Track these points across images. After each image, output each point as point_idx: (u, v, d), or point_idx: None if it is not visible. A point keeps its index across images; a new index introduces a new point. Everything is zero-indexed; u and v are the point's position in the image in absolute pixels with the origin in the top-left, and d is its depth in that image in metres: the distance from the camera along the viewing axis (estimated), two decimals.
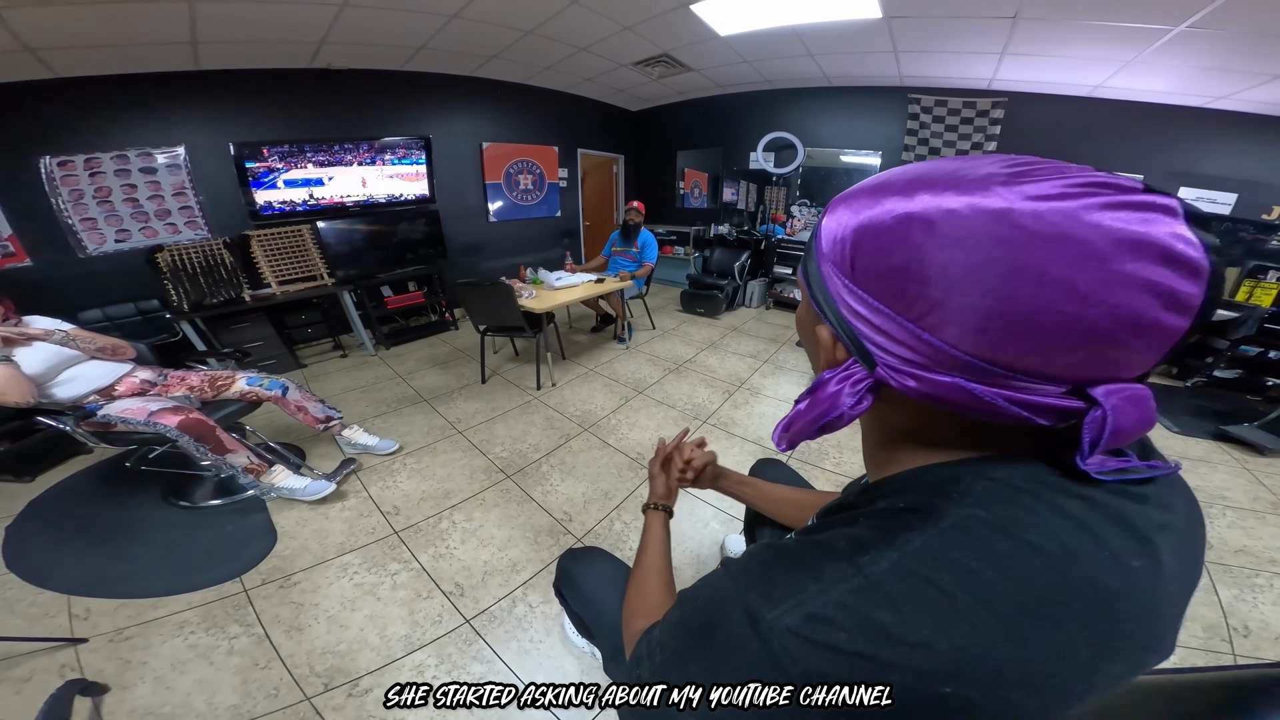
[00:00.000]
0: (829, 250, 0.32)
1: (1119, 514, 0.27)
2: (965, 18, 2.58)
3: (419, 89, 3.92)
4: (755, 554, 0.35)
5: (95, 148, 2.76)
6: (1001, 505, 0.27)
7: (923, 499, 0.30)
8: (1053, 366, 0.25)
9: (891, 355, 0.29)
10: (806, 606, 0.27)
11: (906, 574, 0.26)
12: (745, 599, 0.30)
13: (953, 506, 0.28)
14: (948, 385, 0.27)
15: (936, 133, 4.01)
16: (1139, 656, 0.27)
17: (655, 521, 0.79)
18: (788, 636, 0.26)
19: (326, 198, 3.64)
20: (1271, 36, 2.15)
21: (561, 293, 3.07)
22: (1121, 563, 0.26)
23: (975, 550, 0.26)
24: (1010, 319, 0.24)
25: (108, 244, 2.91)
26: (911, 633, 0.24)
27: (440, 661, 1.25)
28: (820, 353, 0.34)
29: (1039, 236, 0.23)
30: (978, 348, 0.26)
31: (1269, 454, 2.25)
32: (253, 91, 3.19)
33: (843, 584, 0.27)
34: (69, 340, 1.63)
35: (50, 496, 1.96)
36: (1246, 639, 1.33)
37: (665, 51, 3.65)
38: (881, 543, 0.28)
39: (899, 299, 0.28)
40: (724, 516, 1.77)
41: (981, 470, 0.30)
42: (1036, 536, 0.26)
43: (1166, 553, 0.27)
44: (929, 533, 0.27)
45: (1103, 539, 0.26)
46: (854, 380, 0.31)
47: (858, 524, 0.32)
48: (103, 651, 1.26)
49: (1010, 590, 0.24)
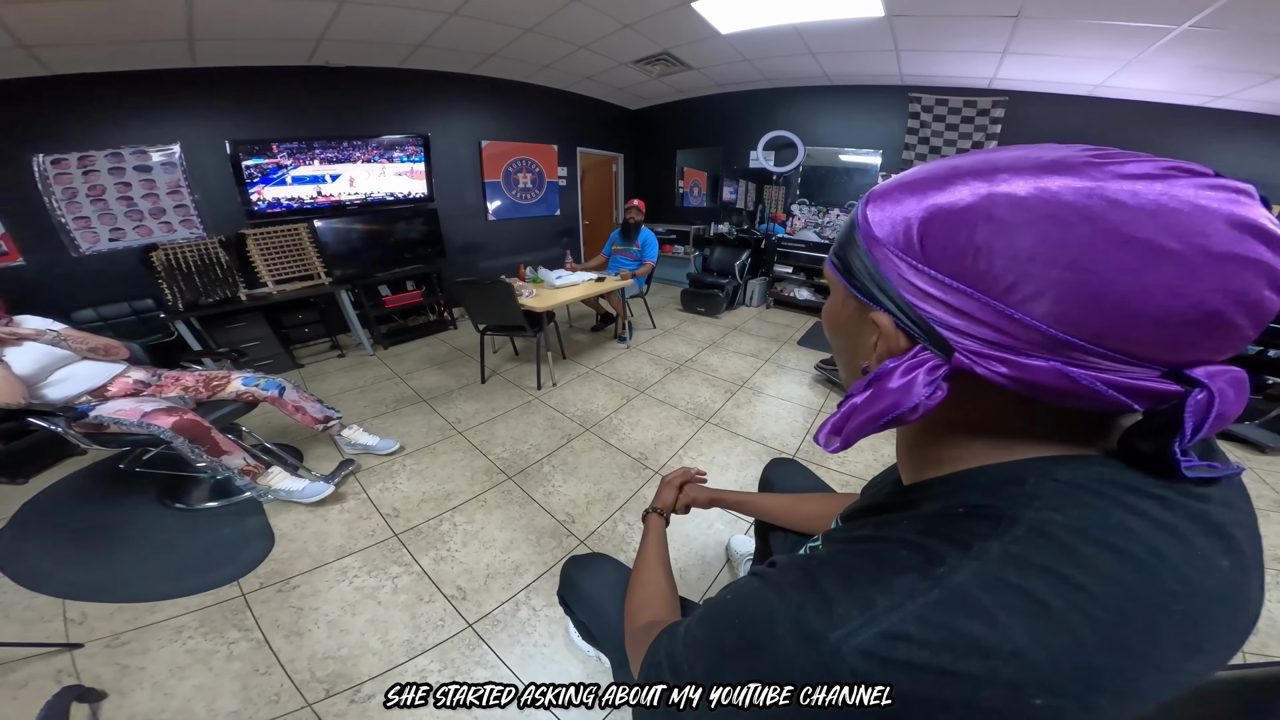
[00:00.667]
0: (887, 235, 0.30)
1: (1199, 513, 0.26)
2: (968, 16, 2.57)
3: (418, 87, 3.88)
4: (797, 565, 0.33)
5: (89, 145, 2.72)
6: (1075, 509, 0.26)
7: (986, 502, 0.29)
8: (1155, 346, 0.24)
9: (971, 339, 0.27)
10: (880, 623, 0.25)
11: (993, 583, 0.25)
12: (798, 618, 0.28)
13: (1024, 510, 0.27)
14: (1045, 370, 0.25)
15: (937, 131, 4.01)
16: (1223, 654, 0.27)
17: (655, 525, 0.83)
18: (858, 657, 0.25)
19: (335, 194, 3.62)
20: (1272, 36, 2.14)
21: (562, 291, 3.05)
22: (1212, 562, 0.25)
23: (1062, 556, 0.25)
24: (1116, 294, 0.23)
25: (101, 243, 2.87)
26: (1005, 644, 0.23)
27: (443, 666, 1.23)
28: (880, 341, 0.32)
29: (1144, 212, 0.22)
30: (1078, 326, 0.24)
31: (1270, 452, 2.26)
32: (250, 89, 3.15)
33: (921, 596, 0.25)
34: (60, 340, 1.60)
35: (44, 499, 1.93)
36: (1255, 636, 1.32)
37: (666, 49, 3.63)
38: (954, 550, 0.26)
39: (982, 277, 0.26)
40: (728, 517, 1.75)
41: (1046, 470, 0.28)
42: (1121, 540, 0.25)
43: (1248, 549, 0.27)
44: (1006, 539, 0.26)
45: (1189, 540, 0.25)
46: (929, 367, 0.28)
47: (902, 527, 0.31)
48: (99, 657, 1.24)
49: (1106, 596, 0.24)
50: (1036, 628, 0.23)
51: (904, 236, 0.29)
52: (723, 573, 1.53)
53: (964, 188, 0.27)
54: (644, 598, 0.67)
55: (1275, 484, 2.05)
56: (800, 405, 2.69)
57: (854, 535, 0.35)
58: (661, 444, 2.27)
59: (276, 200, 3.38)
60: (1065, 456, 0.29)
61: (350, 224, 3.54)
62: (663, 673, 0.37)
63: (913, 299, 0.29)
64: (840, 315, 0.37)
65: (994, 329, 0.26)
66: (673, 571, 0.75)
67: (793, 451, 2.22)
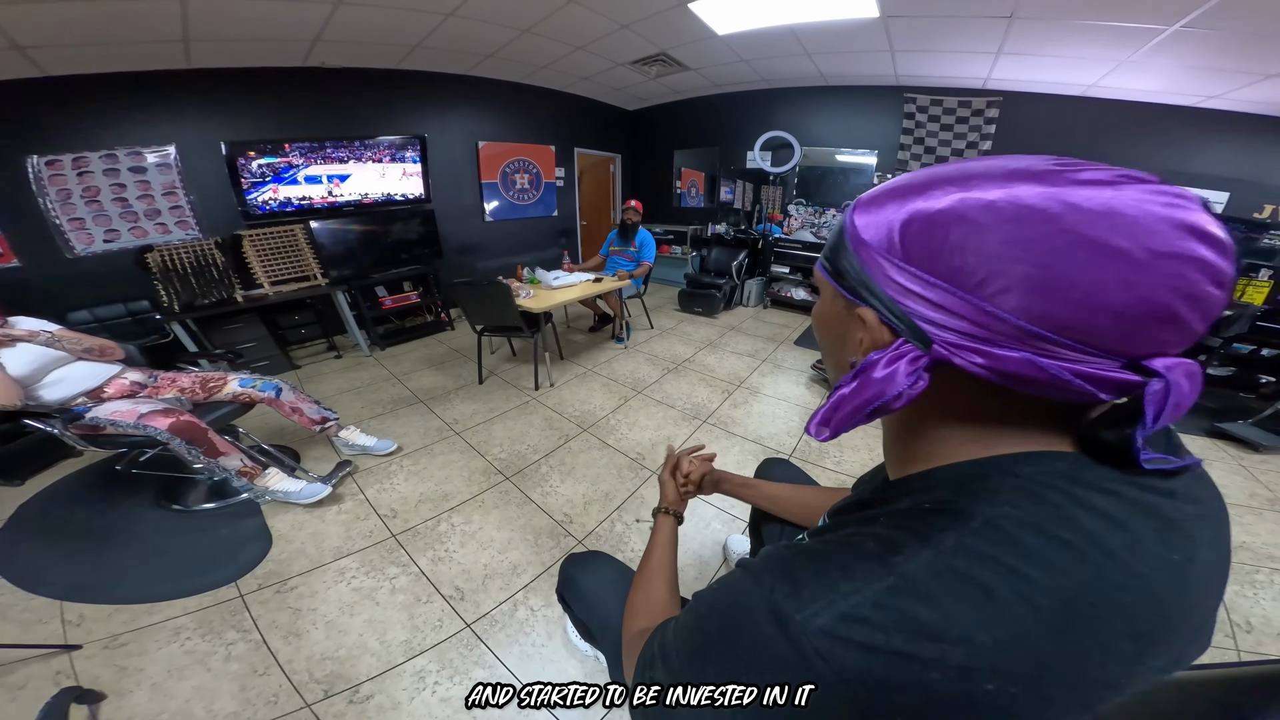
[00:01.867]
0: (873, 238, 0.32)
1: (1152, 508, 0.28)
2: (962, 17, 2.58)
3: (414, 88, 3.88)
4: (774, 555, 0.34)
5: (83, 146, 2.71)
6: (1031, 503, 0.28)
7: (949, 497, 0.31)
8: (1113, 337, 0.26)
9: (949, 331, 0.29)
10: (840, 606, 0.27)
11: (943, 571, 0.26)
12: (771, 600, 0.29)
13: (982, 505, 0.28)
14: (1017, 360, 0.27)
15: (932, 132, 4.03)
16: (1181, 649, 0.28)
17: (664, 525, 0.80)
18: (820, 637, 0.26)
19: (330, 196, 3.61)
20: (1263, 36, 2.17)
21: (559, 292, 3.05)
22: (1160, 556, 0.27)
23: (1010, 547, 0.26)
24: (1075, 287, 0.25)
25: (96, 244, 2.86)
26: (952, 629, 0.24)
27: (442, 667, 1.23)
28: (865, 336, 0.34)
29: (1096, 215, 0.25)
30: (1043, 318, 0.26)
31: (1264, 451, 2.27)
32: (245, 90, 3.15)
33: (877, 582, 0.27)
34: (55, 341, 1.60)
35: (41, 500, 1.92)
36: (1249, 634, 1.34)
37: (663, 50, 3.64)
38: (913, 542, 0.28)
39: (958, 274, 0.28)
40: (726, 517, 1.76)
41: (1008, 467, 0.30)
42: (1070, 533, 0.26)
43: (1202, 544, 0.28)
44: (961, 531, 0.27)
45: (1138, 534, 0.27)
46: (911, 358, 0.30)
47: (879, 523, 0.32)
48: (98, 658, 1.24)
49: (1050, 585, 0.25)
50: (983, 614, 0.24)
51: (887, 238, 0.31)
52: (719, 571, 1.53)
53: (941, 193, 0.29)
54: (644, 605, 0.66)
55: (1268, 482, 2.07)
56: (797, 405, 2.70)
57: (831, 528, 0.37)
58: (659, 444, 2.27)
59: (272, 201, 3.38)
60: (1032, 453, 0.31)
61: (346, 225, 3.54)
62: (655, 665, 0.38)
63: (896, 295, 0.31)
64: (829, 315, 0.39)
65: (969, 321, 0.28)
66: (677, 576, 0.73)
67: (789, 451, 2.22)
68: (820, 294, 0.41)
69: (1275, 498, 1.96)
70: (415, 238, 3.93)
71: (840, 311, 0.37)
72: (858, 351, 0.34)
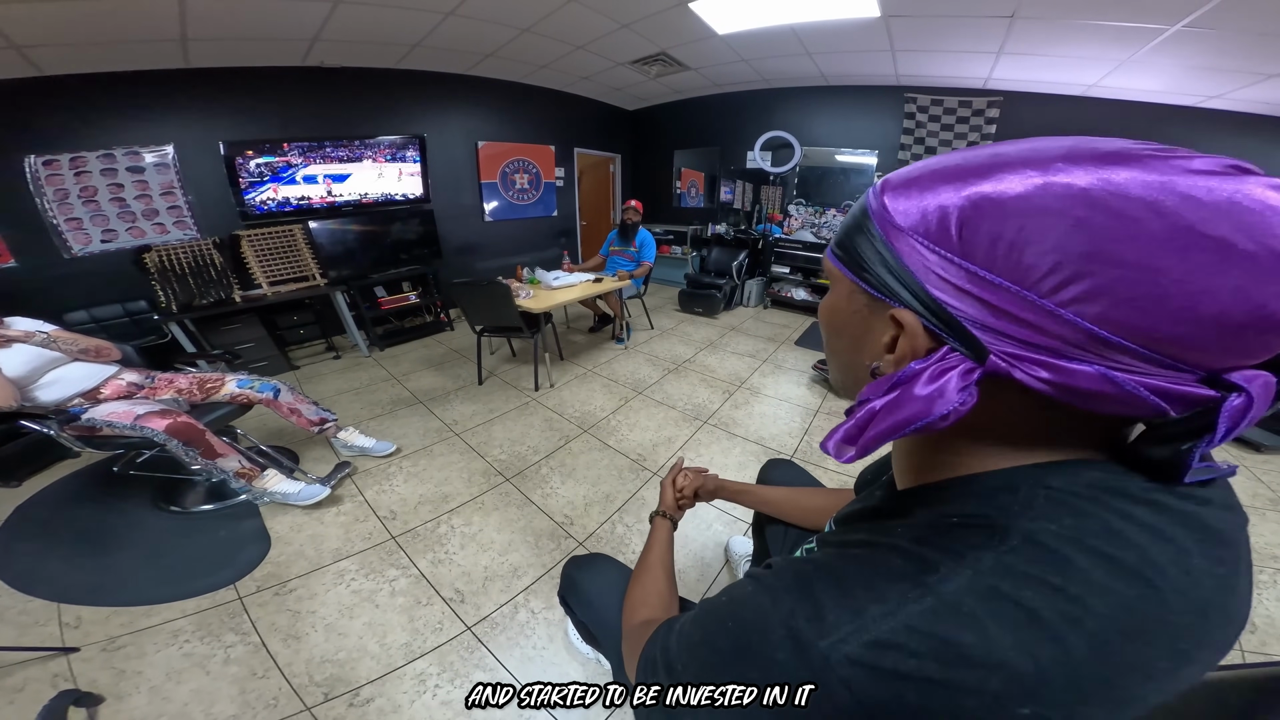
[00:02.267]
0: (914, 225, 0.28)
1: (1195, 519, 0.26)
2: (963, 17, 2.58)
3: (413, 87, 3.87)
4: (789, 569, 0.32)
5: (81, 146, 2.69)
6: (1069, 517, 0.26)
7: (978, 512, 0.28)
8: (1207, 350, 0.23)
9: (1008, 340, 0.25)
10: (871, 631, 0.25)
11: (987, 592, 0.24)
12: (789, 623, 0.28)
13: (1018, 520, 0.26)
14: (1088, 375, 0.24)
15: (932, 132, 4.02)
16: (1214, 658, 0.27)
17: (661, 528, 0.82)
18: (847, 666, 0.24)
19: (343, 194, 3.63)
20: (1265, 36, 2.16)
21: (559, 292, 3.04)
22: (1207, 570, 0.25)
23: (1053, 566, 0.24)
24: (1183, 295, 0.21)
25: (93, 244, 2.84)
26: (992, 654, 0.23)
27: (443, 670, 1.22)
28: (902, 341, 0.29)
29: (1220, 211, 0.21)
30: (1131, 329, 0.23)
31: (1266, 451, 2.27)
32: (243, 90, 3.13)
33: (912, 605, 0.25)
34: (51, 342, 1.58)
35: (38, 501, 1.91)
36: (1253, 635, 1.33)
37: (663, 50, 3.63)
38: (948, 560, 0.26)
39: (1028, 273, 0.24)
40: (727, 519, 1.75)
41: (1039, 479, 0.28)
42: (1114, 549, 0.24)
43: (1244, 552, 0.27)
44: (999, 549, 0.26)
45: (1184, 546, 0.25)
46: (962, 371, 0.26)
47: (897, 535, 0.30)
48: (95, 661, 1.23)
49: (1100, 607, 0.23)
50: (1025, 638, 0.23)
51: (938, 226, 0.27)
52: (722, 574, 1.53)
53: (1014, 176, 0.25)
54: (641, 597, 0.67)
55: (1271, 482, 2.06)
56: (798, 405, 2.69)
57: (848, 540, 0.35)
58: (660, 445, 2.26)
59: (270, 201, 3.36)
60: (1061, 462, 0.28)
61: (345, 225, 3.52)
62: (657, 670, 0.37)
63: (942, 295, 0.27)
64: (844, 312, 0.35)
65: (1036, 329, 0.25)
66: (675, 574, 0.74)
67: (791, 452, 2.22)
68: (832, 287, 0.36)
69: (1278, 498, 1.96)
70: (414, 238, 3.92)
71: (859, 309, 0.33)
72: (879, 356, 0.31)
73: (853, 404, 0.31)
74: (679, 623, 0.39)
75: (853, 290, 0.33)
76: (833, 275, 0.35)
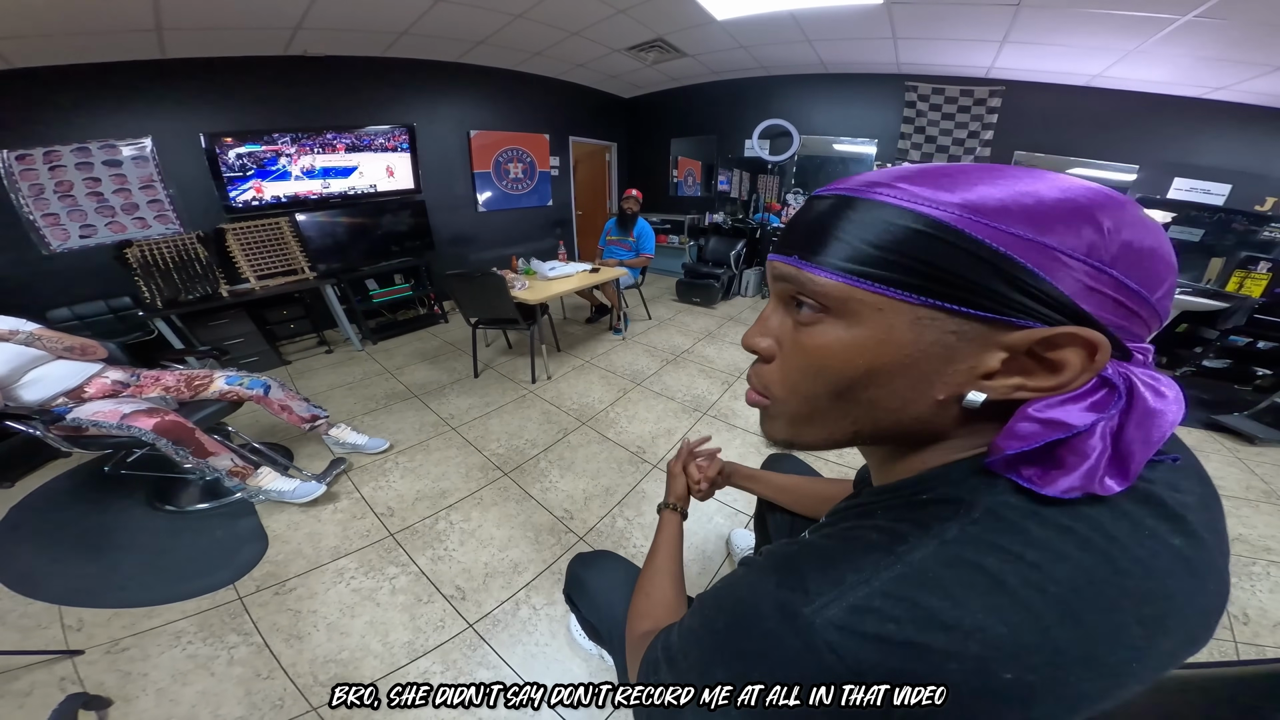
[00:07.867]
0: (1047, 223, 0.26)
1: (1146, 494, 0.28)
2: (968, 4, 2.53)
3: (402, 76, 3.77)
4: (777, 551, 0.34)
5: (54, 140, 2.60)
6: (1028, 495, 0.28)
7: (950, 492, 0.30)
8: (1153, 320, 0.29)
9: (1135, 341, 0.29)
10: (849, 598, 0.26)
11: (951, 560, 0.26)
12: (777, 595, 0.29)
13: (982, 496, 0.28)
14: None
15: (933, 121, 3.99)
16: (1190, 632, 0.27)
17: (670, 522, 0.78)
18: (831, 630, 0.25)
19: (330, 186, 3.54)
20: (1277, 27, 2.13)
21: (555, 283, 3.01)
22: (1163, 540, 0.27)
23: (1014, 535, 0.26)
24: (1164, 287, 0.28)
25: (72, 240, 2.76)
26: (966, 618, 0.24)
27: (445, 668, 1.21)
28: (1097, 358, 0.26)
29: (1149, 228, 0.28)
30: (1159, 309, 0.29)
31: (1260, 443, 2.29)
32: (224, 80, 3.03)
33: (885, 572, 0.26)
34: (33, 340, 1.54)
35: (32, 502, 1.87)
36: (1246, 626, 1.35)
37: (660, 36, 3.55)
38: (916, 531, 0.28)
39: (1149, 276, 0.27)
40: (729, 511, 1.75)
41: None
42: (1071, 520, 0.26)
43: (1200, 528, 0.28)
44: (964, 520, 0.27)
45: (1138, 519, 0.27)
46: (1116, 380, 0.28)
47: (877, 516, 0.32)
48: (100, 663, 1.21)
49: (1057, 573, 0.25)
50: (995, 603, 0.24)
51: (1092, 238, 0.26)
52: (723, 567, 1.52)
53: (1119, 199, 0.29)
54: (647, 607, 0.65)
55: (1264, 475, 2.09)
56: None
57: (836, 525, 0.36)
58: (659, 436, 2.25)
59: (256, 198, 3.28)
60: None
61: (334, 217, 3.45)
62: (660, 667, 0.37)
63: (1090, 307, 0.26)
64: (908, 345, 0.29)
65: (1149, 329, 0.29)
66: (683, 576, 0.72)
67: None
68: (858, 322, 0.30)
69: (1271, 490, 1.98)
70: (405, 229, 3.85)
71: (941, 337, 0.28)
72: (963, 385, 0.29)
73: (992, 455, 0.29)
74: (679, 623, 0.39)
75: (922, 318, 0.29)
76: (867, 305, 0.29)
